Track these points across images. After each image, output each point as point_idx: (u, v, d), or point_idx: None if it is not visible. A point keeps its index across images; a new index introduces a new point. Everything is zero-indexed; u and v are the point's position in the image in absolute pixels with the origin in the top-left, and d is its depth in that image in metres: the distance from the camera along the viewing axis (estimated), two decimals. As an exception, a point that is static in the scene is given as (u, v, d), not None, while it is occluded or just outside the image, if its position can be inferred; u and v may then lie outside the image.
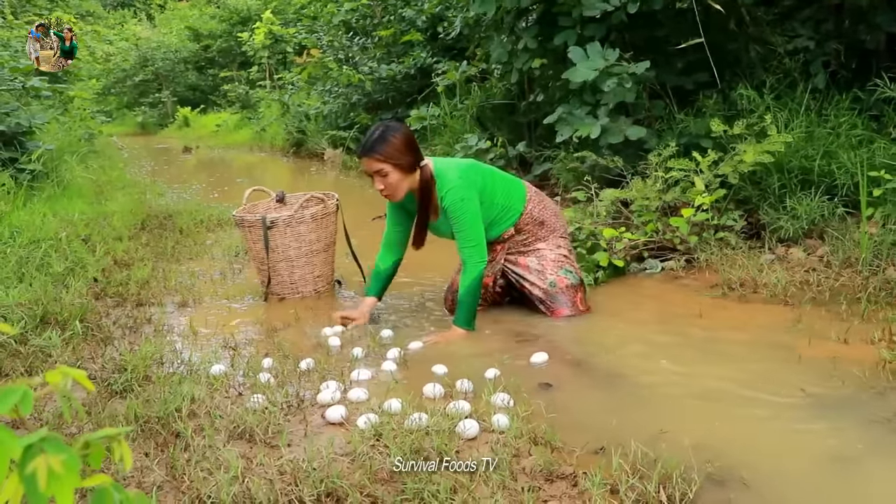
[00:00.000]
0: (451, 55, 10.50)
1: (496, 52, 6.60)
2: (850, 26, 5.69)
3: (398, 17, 11.36)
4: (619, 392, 2.98)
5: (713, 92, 5.57)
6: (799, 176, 4.70)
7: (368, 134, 3.67)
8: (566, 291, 3.89)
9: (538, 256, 3.94)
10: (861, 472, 2.31)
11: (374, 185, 3.70)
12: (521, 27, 6.55)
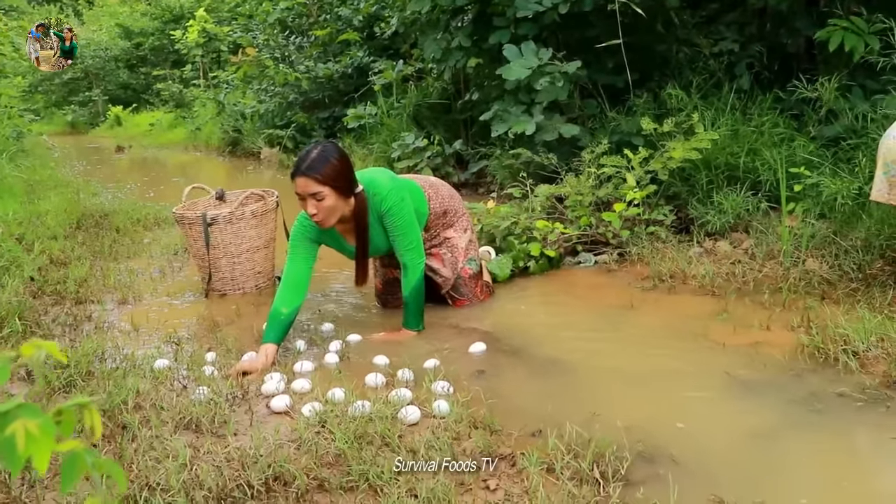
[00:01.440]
0: (387, 54, 10.56)
1: (430, 50, 6.70)
2: (771, 30, 5.92)
3: (334, 17, 11.37)
4: (555, 378, 3.10)
5: (643, 91, 5.74)
6: (725, 172, 4.90)
7: (304, 153, 3.46)
8: (468, 282, 4.02)
9: (450, 247, 4.02)
10: (779, 446, 2.47)
11: (303, 208, 3.49)
12: (456, 26, 6.65)
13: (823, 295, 3.81)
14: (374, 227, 3.67)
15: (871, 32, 4.69)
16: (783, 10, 5.76)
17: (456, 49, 6.58)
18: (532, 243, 4.54)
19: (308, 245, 3.64)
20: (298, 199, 3.46)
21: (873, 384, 2.84)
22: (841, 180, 4.22)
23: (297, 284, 3.55)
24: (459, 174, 7.36)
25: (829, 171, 4.43)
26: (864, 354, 3.03)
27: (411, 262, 3.65)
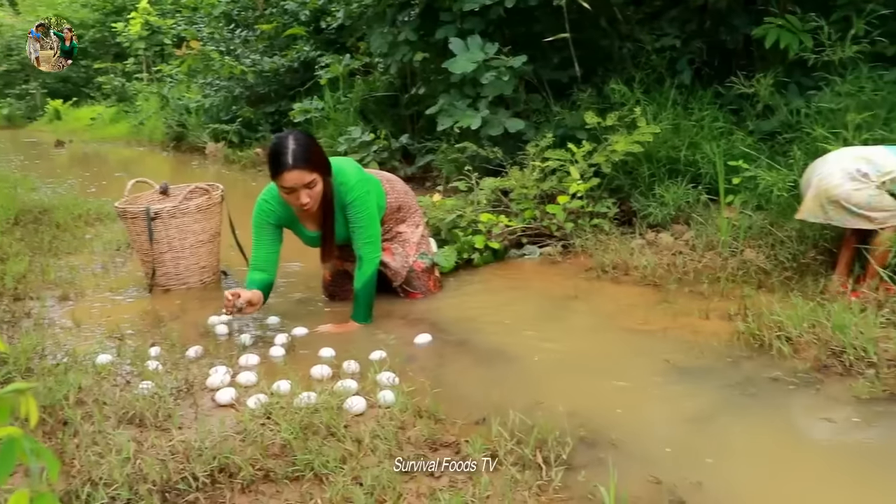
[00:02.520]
0: (334, 48, 10.51)
1: (377, 44, 6.71)
2: (711, 27, 6.04)
3: (281, 10, 11.28)
4: (500, 367, 3.15)
5: (587, 86, 5.82)
6: (667, 165, 4.99)
7: (281, 147, 3.42)
8: (420, 276, 4.06)
9: (401, 241, 4.07)
10: (715, 429, 2.55)
11: (295, 201, 3.50)
12: (403, 20, 6.66)
13: (760, 284, 3.91)
14: (335, 216, 3.71)
15: (805, 30, 4.82)
16: (722, 7, 5.90)
17: (402, 43, 6.60)
18: (477, 236, 4.58)
19: (272, 229, 3.72)
20: (286, 192, 3.49)
21: (805, 368, 2.94)
22: (777, 173, 4.33)
23: (266, 267, 3.72)
24: (406, 168, 7.38)
25: (765, 165, 4.54)
26: (796, 340, 3.12)
27: (367, 256, 3.68)
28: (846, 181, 3.52)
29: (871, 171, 3.52)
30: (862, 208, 3.51)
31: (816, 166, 3.70)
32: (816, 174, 3.63)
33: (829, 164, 3.62)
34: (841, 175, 3.53)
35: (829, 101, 4.59)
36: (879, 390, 2.74)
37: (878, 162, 3.54)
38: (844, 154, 3.67)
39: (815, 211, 3.63)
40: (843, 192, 3.51)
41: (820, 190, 3.58)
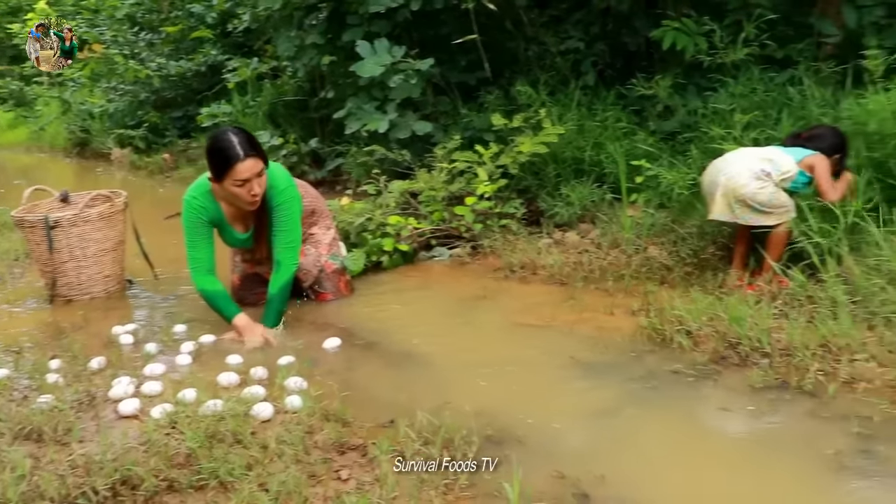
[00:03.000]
0: (242, 52, 10.36)
1: (284, 47, 6.65)
2: (614, 29, 6.18)
3: (186, 13, 11.05)
4: (409, 369, 3.17)
5: (494, 88, 5.88)
6: (572, 165, 5.09)
7: (224, 142, 3.36)
8: (331, 277, 4.07)
9: (314, 242, 4.09)
10: (618, 423, 2.62)
11: (247, 194, 3.43)
12: (310, 24, 6.62)
13: (662, 280, 4.03)
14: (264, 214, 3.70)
15: (700, 33, 4.98)
16: (624, 10, 6.04)
17: (310, 47, 6.55)
18: (385, 238, 4.59)
19: (206, 227, 3.63)
20: (238, 185, 3.40)
21: (704, 360, 3.05)
22: (677, 171, 4.46)
23: (212, 268, 3.64)
24: (316, 172, 7.32)
25: (667, 164, 4.67)
26: (696, 333, 3.24)
27: (286, 261, 3.65)
28: (752, 181, 3.65)
29: (773, 170, 3.67)
30: (764, 206, 3.65)
31: (720, 166, 3.82)
32: (723, 174, 3.74)
33: (735, 165, 3.74)
34: (747, 175, 3.66)
35: (723, 102, 4.75)
36: (772, 378, 2.86)
37: (778, 162, 3.70)
38: (748, 154, 3.81)
39: (724, 210, 3.75)
40: (749, 191, 3.64)
41: (728, 189, 3.70)
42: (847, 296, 3.32)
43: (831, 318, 3.18)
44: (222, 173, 3.39)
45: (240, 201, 3.52)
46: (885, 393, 2.73)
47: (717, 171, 3.82)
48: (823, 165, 3.73)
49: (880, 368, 2.85)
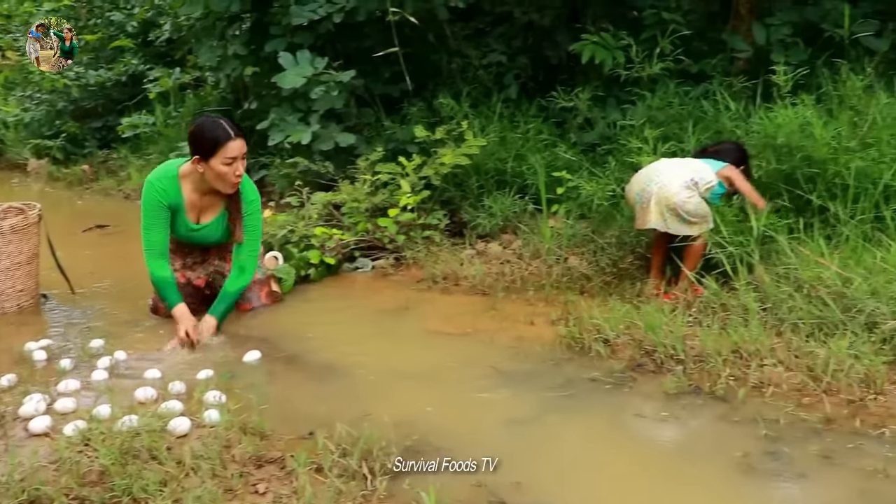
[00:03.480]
0: (164, 62, 10.20)
1: (206, 57, 6.59)
2: (536, 43, 6.28)
3: (106, 21, 10.84)
4: (330, 381, 3.16)
5: (417, 100, 5.91)
6: (494, 177, 5.15)
7: (212, 123, 3.57)
8: (253, 287, 4.03)
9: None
10: (535, 430, 2.66)
11: (233, 174, 3.57)
12: (233, 34, 6.57)
13: (582, 289, 4.10)
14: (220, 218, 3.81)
15: (618, 47, 5.09)
16: (546, 25, 6.16)
17: (232, 57, 6.51)
18: (311, 251, 4.56)
19: (164, 211, 3.69)
20: (227, 164, 3.54)
21: (621, 368, 3.12)
22: (597, 183, 4.54)
23: (165, 253, 3.73)
24: (240, 183, 7.24)
25: (587, 175, 4.76)
26: (614, 341, 3.31)
27: (249, 266, 3.80)
28: (682, 190, 3.74)
29: (700, 179, 3.77)
30: (690, 215, 3.75)
31: (651, 176, 3.89)
32: (656, 183, 3.82)
33: (666, 173, 3.83)
34: (679, 184, 3.76)
35: (641, 115, 4.87)
36: (686, 385, 2.94)
37: (702, 172, 3.81)
38: (676, 164, 3.91)
39: (658, 219, 3.83)
40: (680, 200, 3.73)
41: (661, 198, 3.78)
42: (758, 303, 3.43)
43: (743, 325, 3.28)
44: (213, 151, 3.52)
45: (222, 182, 3.61)
46: (791, 396, 2.83)
47: (647, 180, 3.90)
48: (739, 176, 3.88)
49: (787, 373, 2.95)
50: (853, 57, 4.86)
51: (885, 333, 3.04)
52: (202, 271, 4.01)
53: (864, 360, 2.90)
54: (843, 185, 3.90)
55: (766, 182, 4.13)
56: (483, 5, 6.61)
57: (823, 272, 3.40)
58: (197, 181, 3.68)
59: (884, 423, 2.62)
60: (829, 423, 2.65)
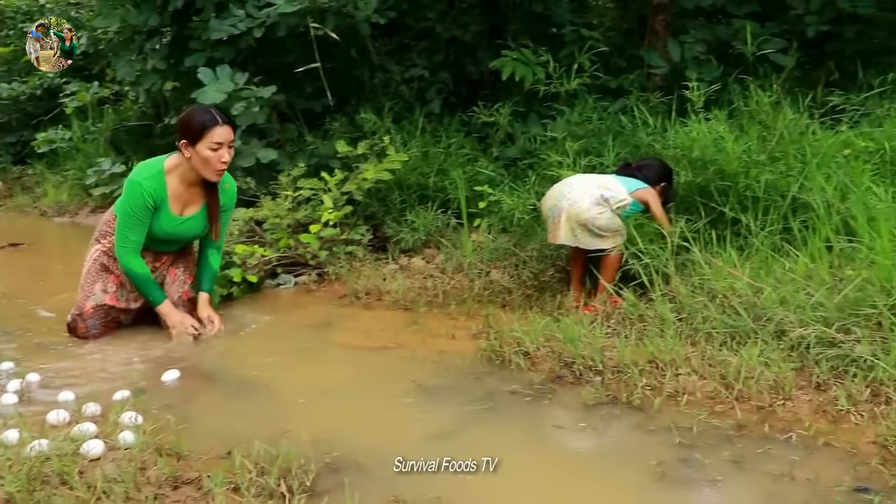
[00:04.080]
0: (81, 76, 9.99)
1: (124, 72, 6.47)
2: (458, 58, 6.34)
3: (19, 32, 10.56)
4: (249, 399, 3.13)
5: (340, 115, 5.90)
6: (417, 191, 5.17)
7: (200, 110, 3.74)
8: (186, 304, 3.99)
9: (185, 268, 4.04)
10: (456, 445, 2.66)
11: (218, 161, 3.63)
12: (152, 48, 6.46)
13: (504, 302, 4.14)
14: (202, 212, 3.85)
15: (537, 63, 5.18)
16: (468, 40, 6.22)
17: (151, 72, 6.41)
18: (233, 269, 4.50)
19: (147, 213, 3.70)
20: (213, 149, 3.61)
21: (540, 380, 3.16)
22: (518, 197, 4.59)
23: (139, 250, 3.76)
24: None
25: (508, 189, 4.81)
26: (534, 354, 3.35)
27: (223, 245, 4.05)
28: (593, 206, 3.81)
29: (611, 196, 3.85)
30: (602, 230, 3.82)
31: (563, 192, 3.96)
32: (566, 200, 3.89)
33: (577, 190, 3.90)
34: (589, 201, 3.82)
35: (561, 130, 4.95)
36: (604, 395, 2.99)
37: (615, 190, 3.88)
38: (588, 180, 3.98)
39: (569, 235, 3.89)
40: (591, 216, 3.80)
41: (571, 214, 3.84)
42: (674, 314, 3.51)
43: (659, 336, 3.35)
44: (199, 136, 3.59)
45: (208, 169, 3.65)
46: (705, 404, 2.90)
47: (559, 195, 3.96)
48: (655, 199, 3.97)
49: (701, 381, 3.02)
50: (762, 74, 5.04)
51: (792, 341, 3.13)
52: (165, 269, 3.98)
53: (774, 367, 2.99)
54: (754, 197, 4.03)
55: (682, 194, 4.24)
56: (406, 20, 6.65)
57: (736, 282, 3.50)
58: (184, 171, 3.71)
59: (791, 427, 2.70)
60: (740, 429, 2.73)
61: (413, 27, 6.71)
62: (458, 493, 2.34)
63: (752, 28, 5.18)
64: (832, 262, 3.58)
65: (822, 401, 2.85)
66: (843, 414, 2.76)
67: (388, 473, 2.45)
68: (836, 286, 3.32)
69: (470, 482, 2.41)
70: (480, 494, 2.36)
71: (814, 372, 2.99)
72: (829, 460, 2.51)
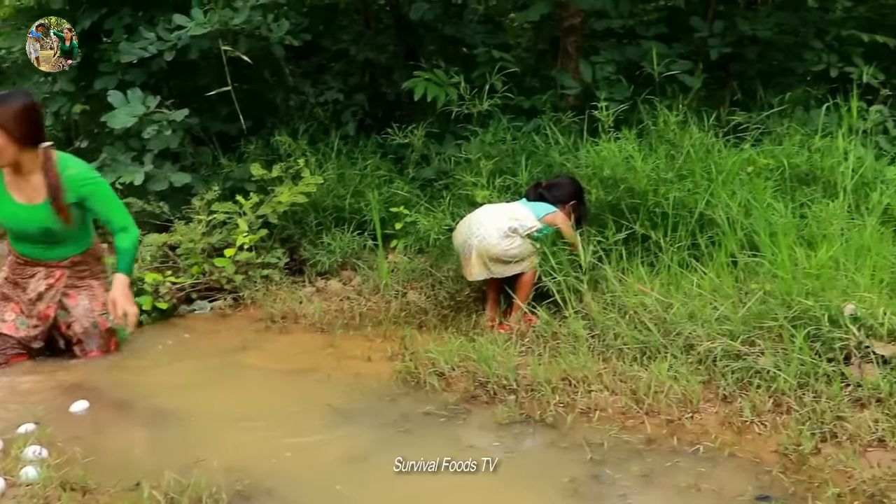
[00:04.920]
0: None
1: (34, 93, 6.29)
2: (373, 80, 6.36)
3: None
4: (161, 428, 3.07)
5: (256, 138, 5.85)
6: (333, 214, 5.14)
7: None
8: (104, 335, 3.89)
9: (90, 295, 3.91)
10: (369, 467, 2.67)
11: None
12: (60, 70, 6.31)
13: (420, 323, 4.14)
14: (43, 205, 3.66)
15: (450, 84, 5.22)
16: (383, 62, 6.24)
17: (59, 94, 6.25)
18: (143, 296, 4.40)
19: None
20: None
21: (455, 400, 3.18)
22: (434, 217, 4.62)
23: None
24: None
25: (424, 210, 4.83)
26: (449, 374, 3.36)
27: (131, 224, 3.81)
28: (502, 240, 3.88)
29: (519, 226, 3.91)
30: (516, 258, 3.88)
31: (472, 228, 4.01)
32: (475, 237, 3.94)
33: (485, 225, 3.96)
34: (497, 235, 3.89)
35: (475, 150, 4.99)
36: (517, 414, 3.02)
37: (522, 217, 3.95)
38: (495, 213, 4.03)
39: (482, 269, 3.95)
40: (502, 249, 3.87)
41: (481, 250, 3.90)
42: (587, 331, 3.57)
43: (572, 353, 3.40)
44: None
45: None
46: (616, 419, 2.96)
47: (468, 232, 4.01)
48: (565, 221, 4.04)
49: (612, 397, 3.08)
50: (670, 93, 5.18)
51: (700, 354, 3.21)
52: (51, 299, 3.84)
53: (682, 380, 3.07)
54: (663, 214, 4.13)
55: (594, 212, 4.31)
56: (321, 42, 6.65)
57: (646, 298, 3.58)
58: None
59: (698, 440, 2.77)
60: (650, 443, 2.79)
61: (328, 49, 6.71)
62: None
63: (660, 49, 5.33)
64: (738, 276, 3.70)
65: (728, 412, 2.93)
66: (747, 425, 2.85)
67: (299, 498, 2.44)
68: (741, 300, 3.43)
69: (383, 501, 2.41)
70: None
71: (720, 384, 3.07)
72: (734, 471, 2.59)
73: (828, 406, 2.79)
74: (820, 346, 3.04)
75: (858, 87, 4.88)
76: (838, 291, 3.20)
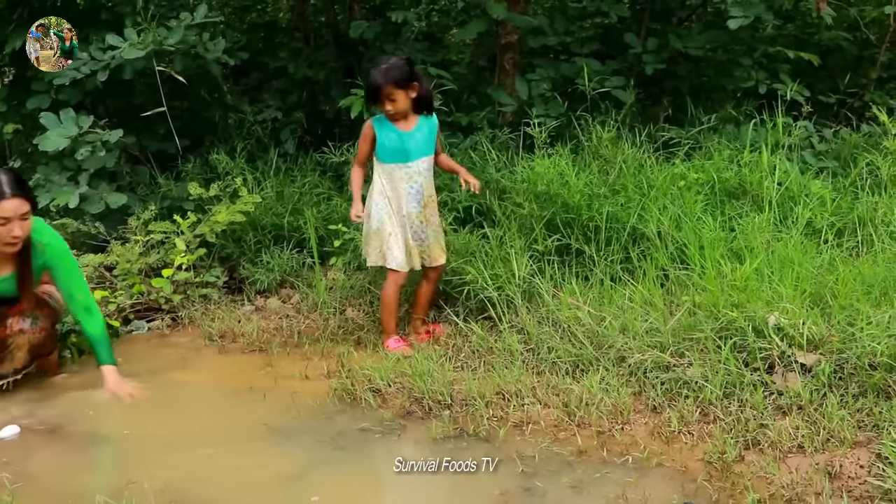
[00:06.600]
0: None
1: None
2: (311, 98, 6.37)
3: None
4: (93, 452, 3.09)
5: (194, 156, 5.82)
6: (272, 232, 5.14)
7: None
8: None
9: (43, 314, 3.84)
10: (304, 484, 2.70)
11: (7, 234, 3.39)
12: (-9, 89, 6.21)
13: (359, 340, 4.16)
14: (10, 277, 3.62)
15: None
16: (321, 79, 6.25)
17: (-9, 114, 6.14)
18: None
19: None
20: (0, 224, 3.37)
21: (391, 416, 3.21)
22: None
23: None
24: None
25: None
26: (385, 391, 3.38)
27: (91, 305, 3.70)
28: None
29: None
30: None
31: None
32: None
33: None
34: None
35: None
36: (451, 429, 3.06)
37: None
38: None
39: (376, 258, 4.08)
40: None
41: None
42: (521, 344, 3.62)
43: (506, 367, 3.45)
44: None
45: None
46: (548, 432, 3.01)
47: None
48: None
49: (545, 410, 3.14)
50: (604, 110, 5.28)
51: (631, 367, 3.29)
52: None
53: (613, 392, 3.13)
54: (596, 228, 4.21)
55: (529, 227, 4.36)
56: (260, 60, 6.64)
57: (579, 312, 3.64)
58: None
59: (628, 450, 2.84)
60: (581, 454, 2.85)
61: (267, 67, 6.71)
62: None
63: (595, 66, 5.43)
64: (669, 289, 3.78)
65: (657, 423, 3.01)
66: (675, 435, 2.92)
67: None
68: (671, 312, 3.51)
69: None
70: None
71: (650, 396, 3.14)
72: (661, 480, 2.65)
73: (752, 414, 2.88)
74: (745, 357, 3.14)
75: (784, 103, 5.03)
76: (763, 303, 3.30)
